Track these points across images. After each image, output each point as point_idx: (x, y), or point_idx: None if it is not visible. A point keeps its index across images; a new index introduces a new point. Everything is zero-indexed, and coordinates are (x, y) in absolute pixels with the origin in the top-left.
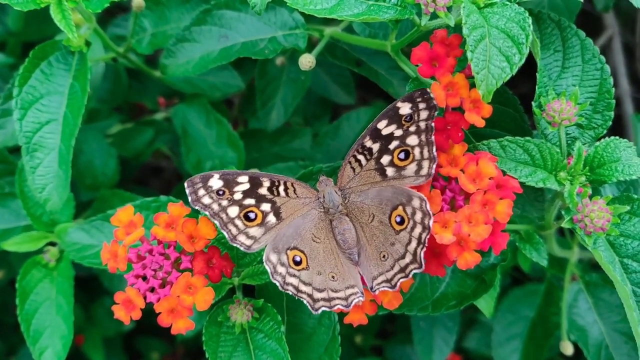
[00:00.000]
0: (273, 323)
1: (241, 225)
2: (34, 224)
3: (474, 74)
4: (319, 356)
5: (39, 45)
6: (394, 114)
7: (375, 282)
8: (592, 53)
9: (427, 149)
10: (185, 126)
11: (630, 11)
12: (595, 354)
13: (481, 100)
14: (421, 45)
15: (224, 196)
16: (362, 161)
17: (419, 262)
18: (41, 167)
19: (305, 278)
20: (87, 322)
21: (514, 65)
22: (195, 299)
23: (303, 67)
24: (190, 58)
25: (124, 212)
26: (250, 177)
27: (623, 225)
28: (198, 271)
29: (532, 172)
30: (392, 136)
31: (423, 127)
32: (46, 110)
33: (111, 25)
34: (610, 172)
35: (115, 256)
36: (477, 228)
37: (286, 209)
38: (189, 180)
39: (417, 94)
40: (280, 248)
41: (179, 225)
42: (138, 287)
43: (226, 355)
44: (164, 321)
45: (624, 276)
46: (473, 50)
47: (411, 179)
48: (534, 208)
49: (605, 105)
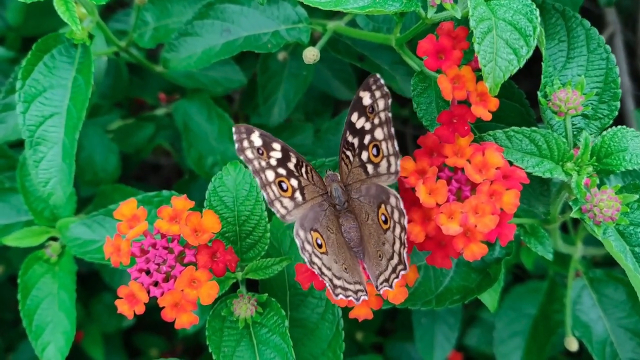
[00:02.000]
0: (277, 318)
1: (277, 192)
2: (36, 218)
3: (481, 67)
4: (322, 351)
5: (42, 37)
6: (360, 105)
7: (378, 281)
8: (597, 42)
9: (389, 143)
10: (187, 121)
11: (632, 9)
12: (599, 350)
13: (488, 94)
14: (427, 37)
15: (263, 156)
16: (350, 157)
17: (403, 264)
18: (44, 160)
19: (326, 262)
20: (87, 319)
21: (521, 57)
22: (199, 293)
23: (307, 60)
24: (192, 52)
25: (127, 206)
26: (282, 147)
27: (632, 214)
28: (202, 265)
29: (539, 162)
30: (364, 130)
31: (383, 119)
32: (49, 103)
33: (112, 21)
34: (618, 162)
35: (118, 250)
36: (483, 219)
37: (308, 191)
38: (236, 126)
39: (371, 81)
40: (306, 226)
41: (182, 218)
42: (141, 281)
43: (229, 350)
44: (168, 315)
45: (636, 265)
46: (480, 43)
47: (385, 176)
48: (539, 202)
49: (612, 95)
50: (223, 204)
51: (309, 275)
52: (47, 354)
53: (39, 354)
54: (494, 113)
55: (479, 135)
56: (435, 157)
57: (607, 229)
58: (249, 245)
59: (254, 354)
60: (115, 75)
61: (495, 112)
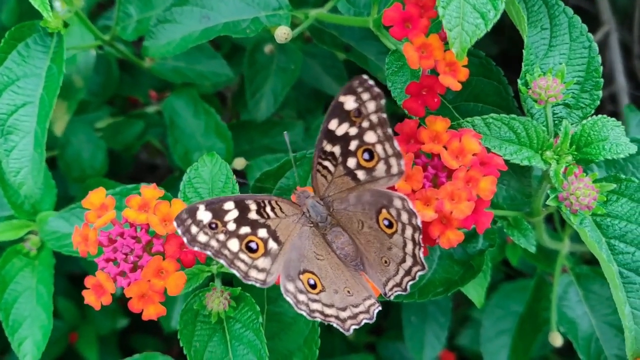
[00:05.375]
0: (251, 313)
1: (247, 258)
2: (16, 212)
3: (446, 32)
4: (298, 347)
5: (15, 26)
6: (340, 111)
7: (387, 288)
8: (579, 31)
9: (388, 144)
10: (173, 117)
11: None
12: (584, 346)
13: (457, 63)
14: (393, 5)
15: (218, 229)
16: (330, 167)
17: (420, 264)
18: (16, 150)
19: (326, 300)
20: (81, 320)
21: (488, 21)
22: (166, 283)
23: (279, 39)
24: (171, 39)
25: (96, 195)
26: (236, 202)
27: (610, 205)
28: (170, 255)
29: (517, 150)
30: (349, 136)
31: (376, 121)
32: (22, 92)
33: (102, 18)
34: (597, 151)
35: (86, 239)
36: (459, 205)
37: (281, 230)
38: (177, 219)
39: (356, 83)
40: (293, 274)
41: (151, 207)
42: (108, 271)
43: (201, 345)
44: (135, 306)
45: (610, 257)
46: (445, 7)
47: (384, 179)
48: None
49: (594, 84)
50: (198, 195)
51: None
52: (23, 349)
53: (16, 349)
54: (472, 92)
55: (457, 122)
56: (412, 144)
57: (584, 219)
58: None
59: (226, 350)
60: (105, 73)
61: (474, 91)
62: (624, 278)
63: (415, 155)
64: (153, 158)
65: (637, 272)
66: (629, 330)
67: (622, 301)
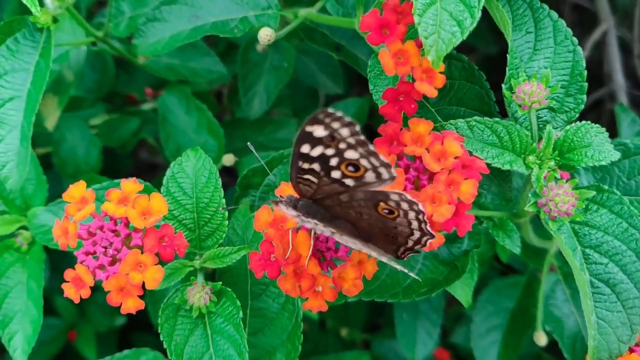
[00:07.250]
0: (232, 308)
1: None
2: (7, 207)
3: (422, 39)
4: (281, 342)
5: (5, 21)
6: (310, 137)
7: (398, 252)
8: (564, 35)
9: (373, 158)
10: (165, 113)
11: (628, 6)
12: (569, 345)
13: (434, 70)
14: (371, 11)
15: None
16: (313, 179)
17: (429, 234)
18: (2, 144)
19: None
20: (80, 318)
21: (464, 29)
22: (144, 277)
23: (262, 40)
24: (160, 37)
25: (76, 188)
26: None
27: (590, 215)
28: (148, 249)
29: (500, 153)
30: (327, 155)
31: (354, 142)
32: (10, 87)
33: (99, 15)
34: (580, 157)
35: (66, 233)
36: (440, 208)
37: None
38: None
39: (320, 116)
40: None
41: (130, 201)
42: (88, 264)
43: (182, 340)
44: (113, 300)
45: (583, 265)
46: (422, 15)
47: (375, 184)
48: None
49: (578, 88)
50: (182, 190)
51: (263, 264)
52: (14, 343)
53: (6, 344)
54: (454, 96)
55: (440, 124)
56: (394, 146)
57: (562, 226)
58: (208, 233)
59: (207, 344)
60: (101, 70)
61: (457, 94)
62: (594, 288)
63: (397, 157)
64: (153, 157)
65: (607, 283)
66: (593, 339)
67: (590, 310)
